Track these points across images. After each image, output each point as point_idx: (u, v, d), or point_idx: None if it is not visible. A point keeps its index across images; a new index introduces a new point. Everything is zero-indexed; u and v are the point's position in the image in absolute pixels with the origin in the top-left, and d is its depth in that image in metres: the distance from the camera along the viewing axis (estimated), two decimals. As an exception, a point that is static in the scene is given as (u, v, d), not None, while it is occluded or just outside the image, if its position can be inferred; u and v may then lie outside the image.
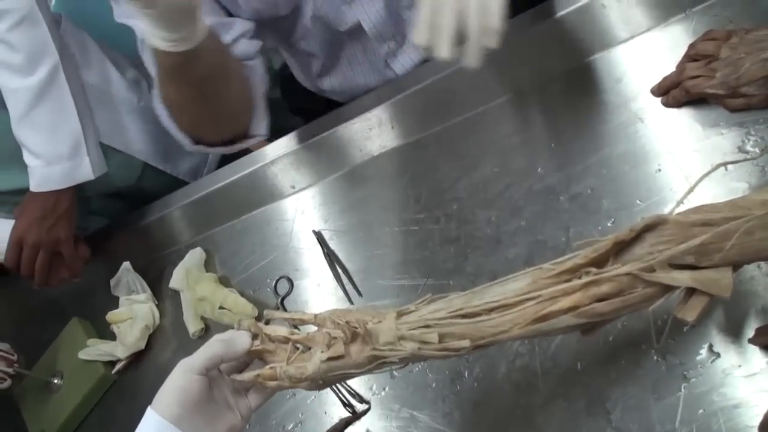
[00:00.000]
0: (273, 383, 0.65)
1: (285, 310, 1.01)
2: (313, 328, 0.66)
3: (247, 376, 0.65)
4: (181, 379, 0.61)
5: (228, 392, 0.66)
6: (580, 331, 0.59)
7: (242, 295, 1.06)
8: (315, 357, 0.63)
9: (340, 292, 0.97)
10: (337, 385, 0.84)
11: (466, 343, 0.58)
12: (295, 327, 0.80)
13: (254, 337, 0.66)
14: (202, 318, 1.09)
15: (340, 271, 0.99)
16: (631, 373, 0.68)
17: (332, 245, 1.03)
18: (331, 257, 1.01)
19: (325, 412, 0.87)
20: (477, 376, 0.78)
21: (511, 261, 0.83)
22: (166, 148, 1.33)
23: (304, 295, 1.02)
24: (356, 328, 0.61)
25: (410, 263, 0.92)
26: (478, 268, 0.86)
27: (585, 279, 0.56)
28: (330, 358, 0.62)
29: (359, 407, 0.86)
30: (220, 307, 1.04)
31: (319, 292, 1.00)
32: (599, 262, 0.57)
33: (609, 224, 0.78)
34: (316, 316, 0.65)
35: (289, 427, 0.91)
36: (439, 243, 0.91)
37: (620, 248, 0.57)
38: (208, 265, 1.16)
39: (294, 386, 0.65)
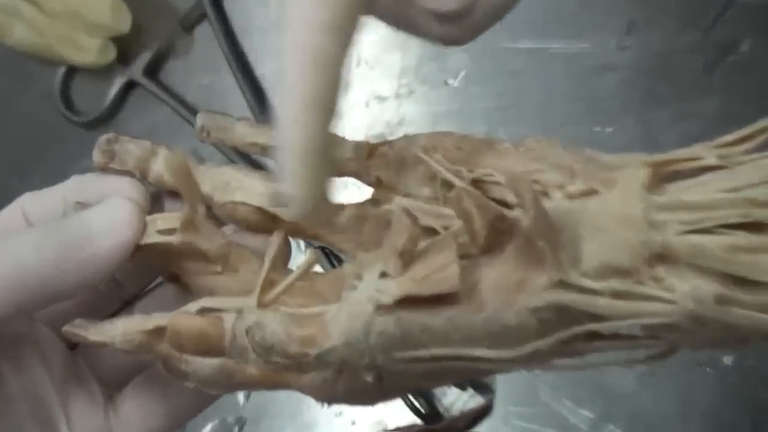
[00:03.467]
0: (209, 363, 0.25)
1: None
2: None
3: (124, 327, 0.26)
4: None
5: (50, 384, 0.28)
6: None
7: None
8: (360, 290, 0.23)
9: None
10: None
11: None
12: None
13: (156, 198, 0.28)
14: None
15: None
16: None
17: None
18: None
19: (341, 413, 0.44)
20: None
21: None
22: None
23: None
24: (500, 214, 0.23)
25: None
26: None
27: None
28: (408, 299, 0.22)
29: (448, 405, 0.42)
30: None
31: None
32: None
33: None
34: (374, 146, 0.27)
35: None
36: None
37: None
38: None
39: (277, 383, 0.26)
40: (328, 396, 0.25)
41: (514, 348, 0.23)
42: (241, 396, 0.43)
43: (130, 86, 0.47)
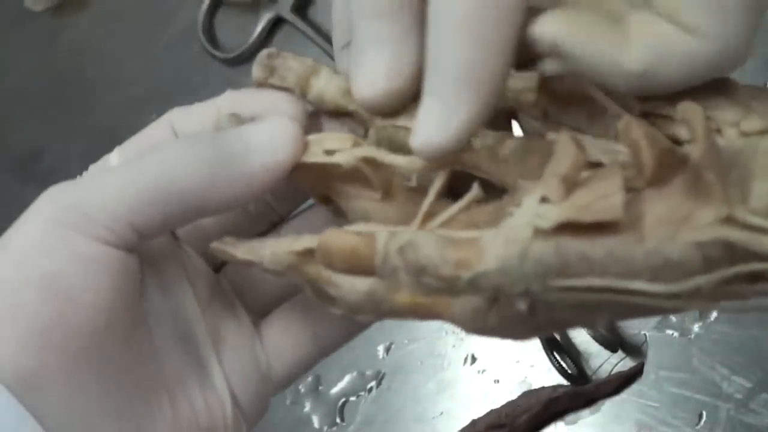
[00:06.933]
0: (358, 288, 0.24)
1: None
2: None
3: (273, 247, 0.25)
4: (49, 259, 0.21)
5: (195, 305, 0.26)
6: None
7: None
8: (519, 215, 0.22)
9: None
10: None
11: None
12: None
13: (313, 115, 0.26)
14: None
15: None
16: None
17: None
18: None
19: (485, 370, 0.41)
20: None
21: None
22: None
23: None
24: (669, 146, 0.22)
25: None
26: None
27: None
28: (568, 226, 0.21)
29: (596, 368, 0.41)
30: None
31: None
32: None
33: None
34: (545, 79, 0.25)
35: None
36: None
37: None
38: None
39: (427, 311, 0.24)
40: (480, 327, 0.24)
41: (675, 284, 0.22)
42: (381, 349, 0.42)
43: (277, 23, 0.45)
